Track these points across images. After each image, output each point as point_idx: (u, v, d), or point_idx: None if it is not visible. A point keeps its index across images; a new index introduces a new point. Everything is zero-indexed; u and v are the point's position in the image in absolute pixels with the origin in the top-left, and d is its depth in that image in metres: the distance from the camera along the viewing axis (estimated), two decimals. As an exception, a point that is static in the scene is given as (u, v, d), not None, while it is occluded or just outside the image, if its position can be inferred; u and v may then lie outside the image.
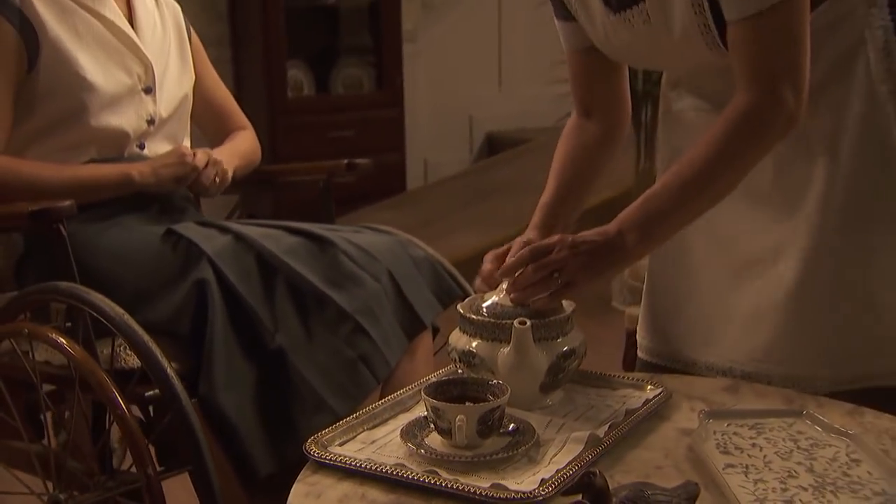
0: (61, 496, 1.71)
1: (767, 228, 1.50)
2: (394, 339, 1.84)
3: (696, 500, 1.06)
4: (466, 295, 1.93)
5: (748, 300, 1.52)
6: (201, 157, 2.00)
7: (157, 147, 2.05)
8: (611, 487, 1.02)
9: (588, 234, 1.36)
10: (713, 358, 1.57)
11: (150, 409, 1.83)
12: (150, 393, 1.70)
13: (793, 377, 1.48)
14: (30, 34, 1.89)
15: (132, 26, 2.04)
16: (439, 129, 5.66)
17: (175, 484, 1.74)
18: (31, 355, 1.74)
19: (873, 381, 1.46)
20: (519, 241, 1.46)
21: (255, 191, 2.52)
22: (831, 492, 1.12)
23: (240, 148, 2.21)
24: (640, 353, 1.69)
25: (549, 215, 1.56)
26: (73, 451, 1.75)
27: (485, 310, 1.37)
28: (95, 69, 1.94)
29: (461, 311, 1.39)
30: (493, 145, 5.82)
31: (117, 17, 2.01)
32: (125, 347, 1.75)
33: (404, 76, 5.15)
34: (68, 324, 1.73)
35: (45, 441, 1.89)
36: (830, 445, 1.24)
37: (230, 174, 2.08)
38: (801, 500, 1.10)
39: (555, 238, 1.37)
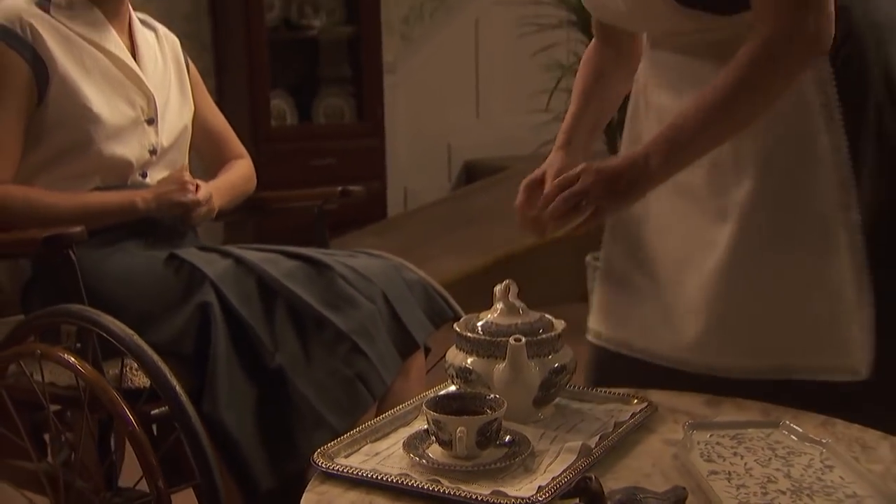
0: (67, 512, 1.76)
1: (699, 225, 1.54)
2: (389, 359, 1.90)
3: (684, 503, 1.13)
4: (458, 316, 1.98)
5: (680, 292, 1.56)
6: (204, 192, 2.06)
7: (159, 176, 2.10)
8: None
9: (613, 158, 1.41)
10: (654, 346, 1.60)
11: (154, 427, 1.88)
12: (156, 411, 1.75)
13: (712, 366, 1.52)
14: (41, 69, 1.95)
15: (135, 60, 2.09)
16: (419, 157, 5.72)
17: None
18: (36, 376, 1.77)
19: (791, 374, 1.50)
20: (550, 167, 1.52)
21: (240, 217, 2.58)
22: (808, 495, 1.19)
23: (232, 180, 2.26)
24: (588, 336, 1.72)
25: (572, 131, 1.62)
26: (80, 469, 1.80)
27: (480, 328, 1.42)
28: (101, 102, 2.00)
29: (458, 329, 1.43)
30: (471, 173, 5.87)
31: (121, 51, 2.07)
32: (131, 368, 1.80)
33: (384, 106, 5.21)
34: (78, 344, 1.78)
35: (47, 459, 1.94)
36: (806, 453, 1.30)
37: (216, 210, 2.14)
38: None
39: (579, 167, 1.41)
